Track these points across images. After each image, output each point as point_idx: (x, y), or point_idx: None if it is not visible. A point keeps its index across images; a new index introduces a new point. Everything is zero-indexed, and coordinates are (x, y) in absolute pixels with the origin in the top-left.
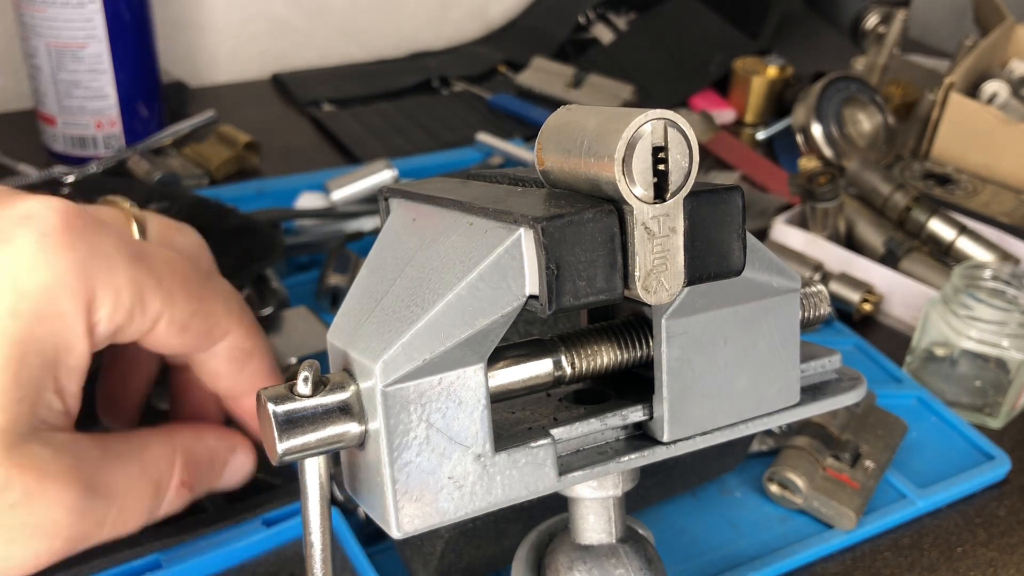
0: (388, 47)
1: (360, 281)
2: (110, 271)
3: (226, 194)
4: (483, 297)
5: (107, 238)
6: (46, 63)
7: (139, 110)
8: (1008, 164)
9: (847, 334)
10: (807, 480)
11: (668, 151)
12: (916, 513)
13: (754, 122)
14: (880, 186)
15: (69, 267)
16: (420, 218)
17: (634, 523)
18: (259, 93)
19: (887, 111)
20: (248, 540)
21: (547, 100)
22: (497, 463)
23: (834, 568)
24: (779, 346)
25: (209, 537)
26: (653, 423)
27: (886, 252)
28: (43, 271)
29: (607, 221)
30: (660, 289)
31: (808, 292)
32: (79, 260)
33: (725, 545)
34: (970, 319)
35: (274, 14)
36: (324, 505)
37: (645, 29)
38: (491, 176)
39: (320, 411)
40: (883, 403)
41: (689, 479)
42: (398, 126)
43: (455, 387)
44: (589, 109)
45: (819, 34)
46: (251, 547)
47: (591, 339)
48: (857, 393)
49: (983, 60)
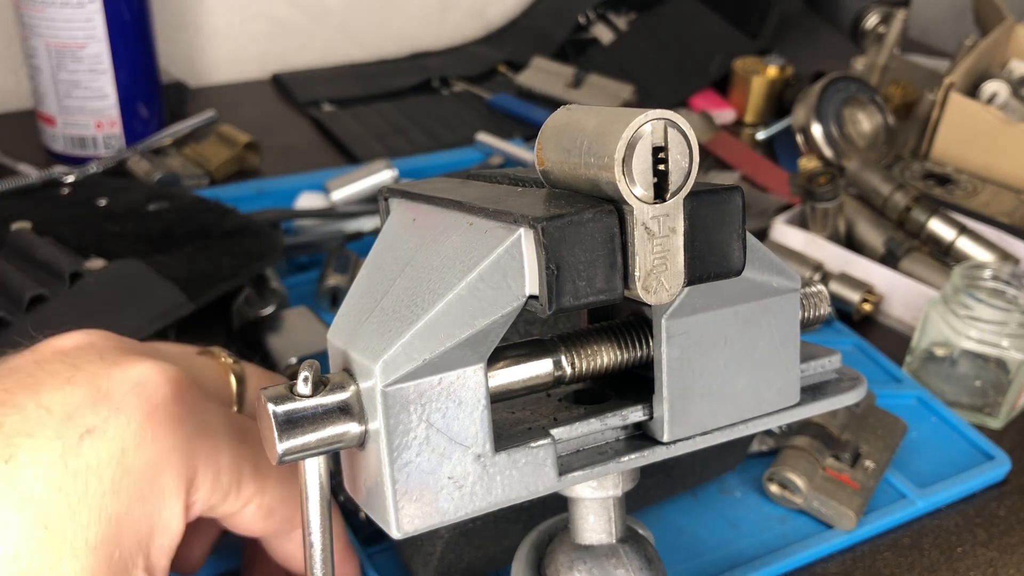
0: (388, 47)
1: (360, 281)
2: (215, 451)
3: (226, 194)
4: (483, 297)
5: (215, 416)
6: (46, 63)
7: (139, 110)
8: (1008, 164)
9: (847, 334)
10: (807, 480)
11: (668, 151)
12: (916, 513)
13: (754, 122)
14: (880, 186)
15: (175, 444)
16: (420, 218)
17: (634, 523)
18: (259, 93)
19: (887, 111)
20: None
21: (547, 100)
22: (497, 463)
23: (834, 568)
24: (779, 346)
25: None
26: (653, 423)
27: (886, 252)
28: (149, 448)
29: (607, 221)
30: (660, 289)
31: (808, 292)
32: (186, 438)
33: (725, 545)
34: (970, 319)
35: (274, 14)
36: (324, 505)
37: (645, 29)
38: (491, 176)
39: (320, 411)
40: (883, 403)
41: (689, 479)
42: (398, 126)
43: (455, 387)
44: (589, 109)
45: (819, 34)
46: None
47: (591, 339)
48: (857, 393)
49: (983, 60)
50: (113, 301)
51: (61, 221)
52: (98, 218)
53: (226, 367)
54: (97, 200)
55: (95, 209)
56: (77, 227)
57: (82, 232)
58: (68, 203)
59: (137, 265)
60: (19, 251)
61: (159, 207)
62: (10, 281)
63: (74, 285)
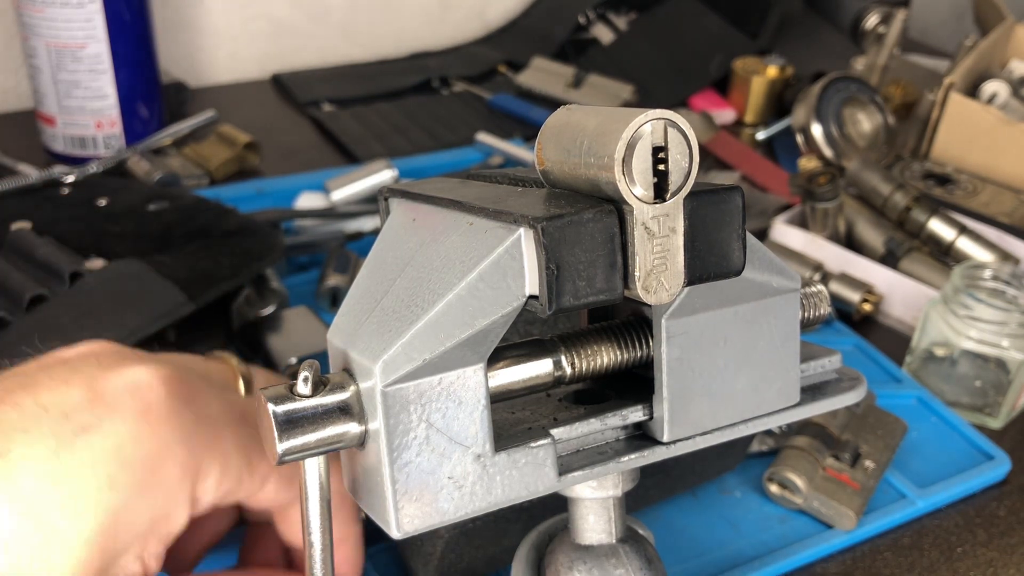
0: (388, 47)
1: (360, 281)
2: (217, 438)
3: (226, 194)
4: (483, 297)
5: (213, 402)
6: (46, 63)
7: (139, 110)
8: (1008, 164)
9: (847, 334)
10: (807, 480)
11: (668, 151)
12: (916, 513)
13: (754, 122)
14: (880, 186)
15: (174, 436)
16: (420, 218)
17: (634, 523)
18: (259, 93)
19: (887, 111)
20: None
21: (547, 100)
22: (497, 463)
23: (834, 568)
24: (779, 346)
25: None
26: (653, 423)
27: (886, 252)
28: (148, 442)
29: (607, 221)
30: (660, 289)
31: (808, 292)
32: (185, 429)
33: (725, 545)
34: (970, 319)
35: (274, 14)
36: (324, 505)
37: (645, 29)
38: (491, 176)
39: (320, 411)
40: (883, 403)
41: (689, 479)
42: (398, 126)
43: (455, 387)
44: (589, 109)
45: (819, 34)
46: None
47: (591, 339)
48: (857, 393)
49: (983, 60)
50: (113, 301)
51: (61, 221)
52: (98, 218)
53: (235, 369)
54: (97, 200)
55: (95, 209)
56: (77, 227)
57: (82, 232)
58: (68, 203)
59: (137, 265)
60: (19, 251)
61: (159, 207)
62: (10, 281)
63: (74, 285)
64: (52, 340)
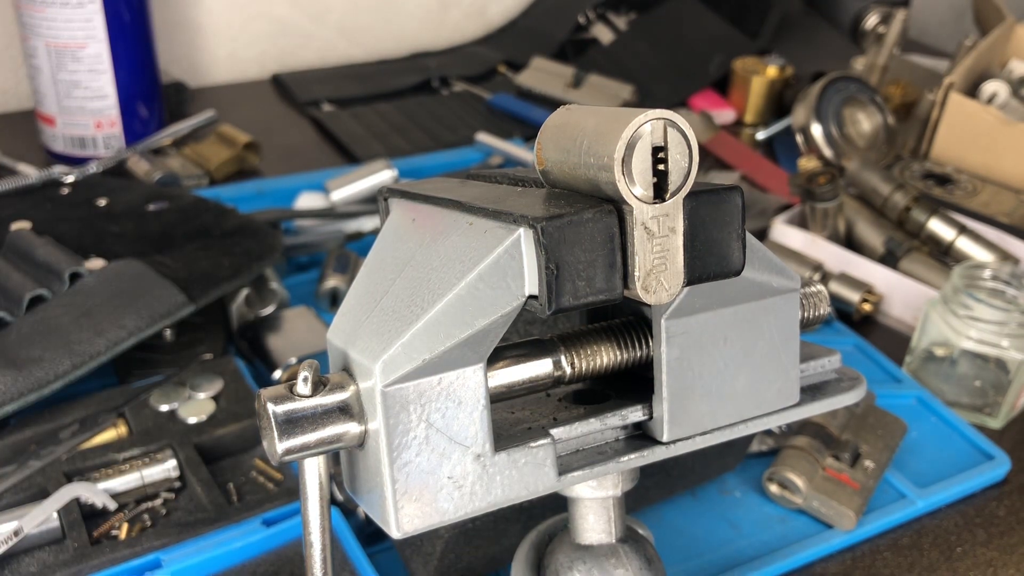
0: (388, 47)
1: (360, 281)
2: None
3: (226, 194)
4: (483, 297)
5: None
6: (46, 63)
7: (139, 110)
8: (1008, 164)
9: (847, 334)
10: (807, 480)
11: (668, 151)
12: (916, 513)
13: (754, 122)
14: (880, 186)
15: None
16: (420, 218)
17: (634, 523)
18: (259, 93)
19: (887, 111)
20: (248, 540)
21: (547, 100)
22: (497, 463)
23: (834, 568)
24: (779, 346)
25: (209, 537)
26: (653, 423)
27: (886, 252)
28: None
29: (607, 221)
30: (660, 289)
31: (808, 292)
32: None
33: (725, 545)
34: (970, 319)
35: (274, 14)
36: (324, 505)
37: (645, 29)
38: (491, 176)
39: (320, 411)
40: (883, 403)
41: (689, 479)
42: (398, 126)
43: (455, 387)
44: (589, 109)
45: (819, 34)
46: (251, 547)
47: (591, 339)
48: (857, 393)
49: (983, 60)
50: (113, 301)
51: (61, 221)
52: (98, 218)
53: None
54: (97, 200)
55: (95, 209)
56: (77, 227)
57: (82, 232)
58: (68, 203)
59: (137, 265)
60: (19, 251)
61: (159, 207)
62: (10, 281)
63: (74, 285)
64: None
